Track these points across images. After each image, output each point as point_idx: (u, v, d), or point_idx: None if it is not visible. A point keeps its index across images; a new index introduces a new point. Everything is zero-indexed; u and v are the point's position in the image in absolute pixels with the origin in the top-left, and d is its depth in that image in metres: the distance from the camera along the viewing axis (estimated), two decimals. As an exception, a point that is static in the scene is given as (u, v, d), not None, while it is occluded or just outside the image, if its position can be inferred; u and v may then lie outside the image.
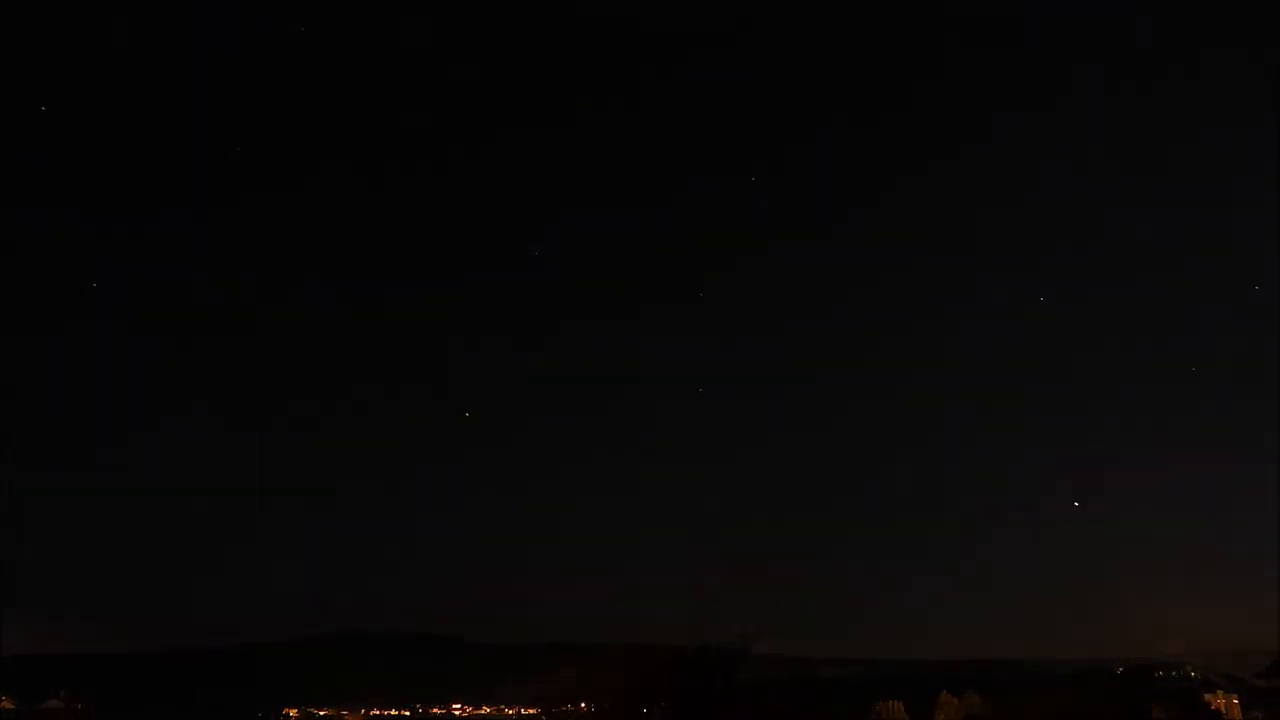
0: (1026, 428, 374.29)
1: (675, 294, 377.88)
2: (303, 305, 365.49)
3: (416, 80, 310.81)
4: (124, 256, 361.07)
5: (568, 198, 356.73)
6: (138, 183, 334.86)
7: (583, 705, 52.96)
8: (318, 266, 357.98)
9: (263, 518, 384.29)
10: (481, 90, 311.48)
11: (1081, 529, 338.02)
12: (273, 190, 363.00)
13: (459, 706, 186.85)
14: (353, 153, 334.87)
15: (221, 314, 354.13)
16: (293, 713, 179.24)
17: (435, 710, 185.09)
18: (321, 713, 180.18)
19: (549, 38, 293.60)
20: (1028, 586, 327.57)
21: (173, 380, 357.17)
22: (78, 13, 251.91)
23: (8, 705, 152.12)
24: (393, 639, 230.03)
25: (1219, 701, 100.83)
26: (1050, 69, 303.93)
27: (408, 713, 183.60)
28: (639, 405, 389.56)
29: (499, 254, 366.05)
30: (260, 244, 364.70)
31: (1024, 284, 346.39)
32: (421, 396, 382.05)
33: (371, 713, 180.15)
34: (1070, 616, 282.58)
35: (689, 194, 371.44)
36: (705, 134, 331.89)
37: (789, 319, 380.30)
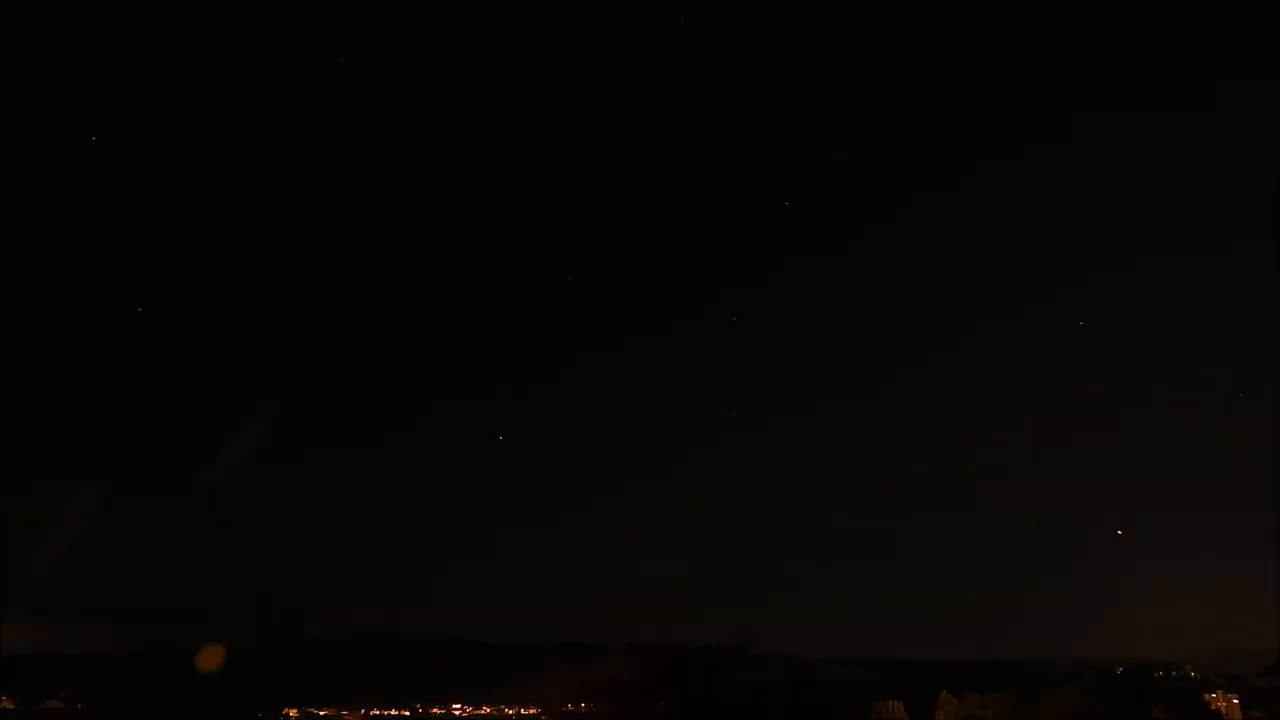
0: (1027, 429, 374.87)
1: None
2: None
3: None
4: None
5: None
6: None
7: (582, 705, 52.84)
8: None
9: (262, 517, 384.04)
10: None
11: (1082, 529, 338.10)
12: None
13: (459, 706, 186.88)
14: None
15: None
16: (293, 713, 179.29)
17: (435, 710, 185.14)
18: (321, 713, 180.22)
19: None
20: (1028, 586, 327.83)
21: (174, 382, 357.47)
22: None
23: (8, 705, 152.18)
24: (393, 639, 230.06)
25: (1219, 702, 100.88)
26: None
27: (408, 713, 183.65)
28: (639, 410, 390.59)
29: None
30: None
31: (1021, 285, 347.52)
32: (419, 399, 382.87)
33: (371, 713, 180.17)
34: (1070, 616, 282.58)
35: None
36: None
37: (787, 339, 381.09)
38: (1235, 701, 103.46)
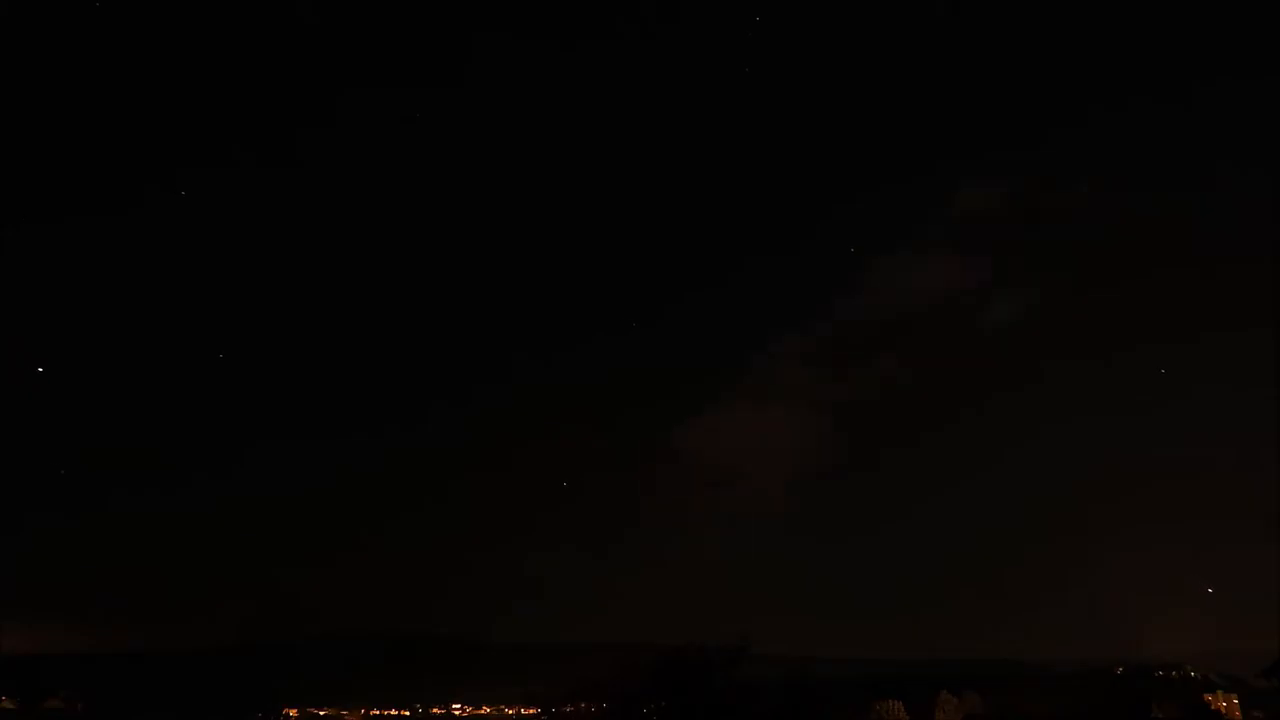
0: (1026, 427, 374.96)
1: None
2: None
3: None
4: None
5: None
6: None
7: (582, 705, 52.76)
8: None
9: (263, 517, 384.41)
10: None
11: (1082, 529, 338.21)
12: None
13: (459, 706, 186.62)
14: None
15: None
16: (293, 713, 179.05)
17: (435, 710, 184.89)
18: (321, 713, 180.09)
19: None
20: (1028, 586, 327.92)
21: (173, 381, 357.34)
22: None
23: (8, 705, 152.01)
24: (393, 639, 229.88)
25: (1219, 702, 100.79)
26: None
27: (408, 713, 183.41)
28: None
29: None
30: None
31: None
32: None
33: (371, 713, 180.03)
34: (1070, 616, 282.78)
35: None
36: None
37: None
38: (1235, 701, 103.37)
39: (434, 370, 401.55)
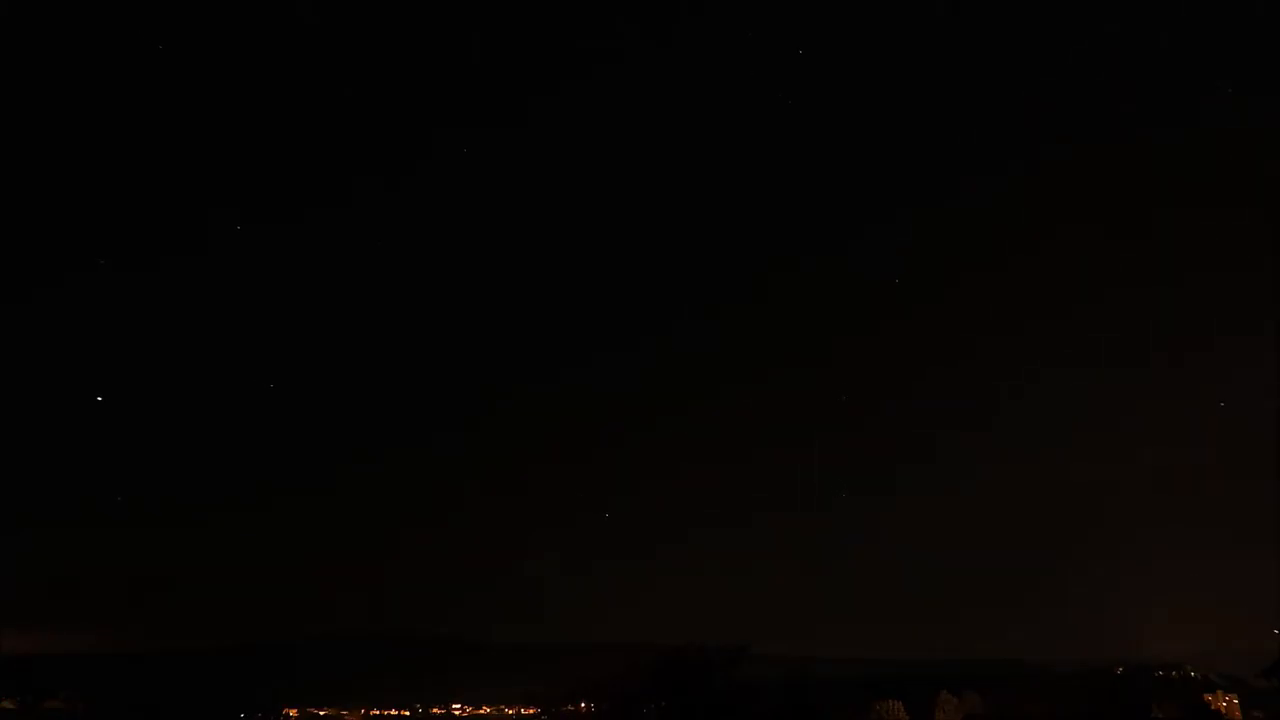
0: (1023, 425, 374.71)
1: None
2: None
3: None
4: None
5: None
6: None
7: (582, 705, 52.85)
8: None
9: (265, 518, 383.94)
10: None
11: (1082, 528, 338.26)
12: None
13: (459, 706, 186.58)
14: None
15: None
16: (293, 713, 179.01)
17: (435, 710, 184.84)
18: (321, 713, 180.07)
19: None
20: (1028, 586, 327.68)
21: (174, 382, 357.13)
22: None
23: (8, 705, 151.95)
24: (393, 639, 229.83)
25: (1219, 702, 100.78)
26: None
27: (408, 713, 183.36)
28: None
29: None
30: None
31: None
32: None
33: (371, 713, 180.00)
34: (1070, 616, 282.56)
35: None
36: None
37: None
38: (1235, 701, 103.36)
39: (435, 372, 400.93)
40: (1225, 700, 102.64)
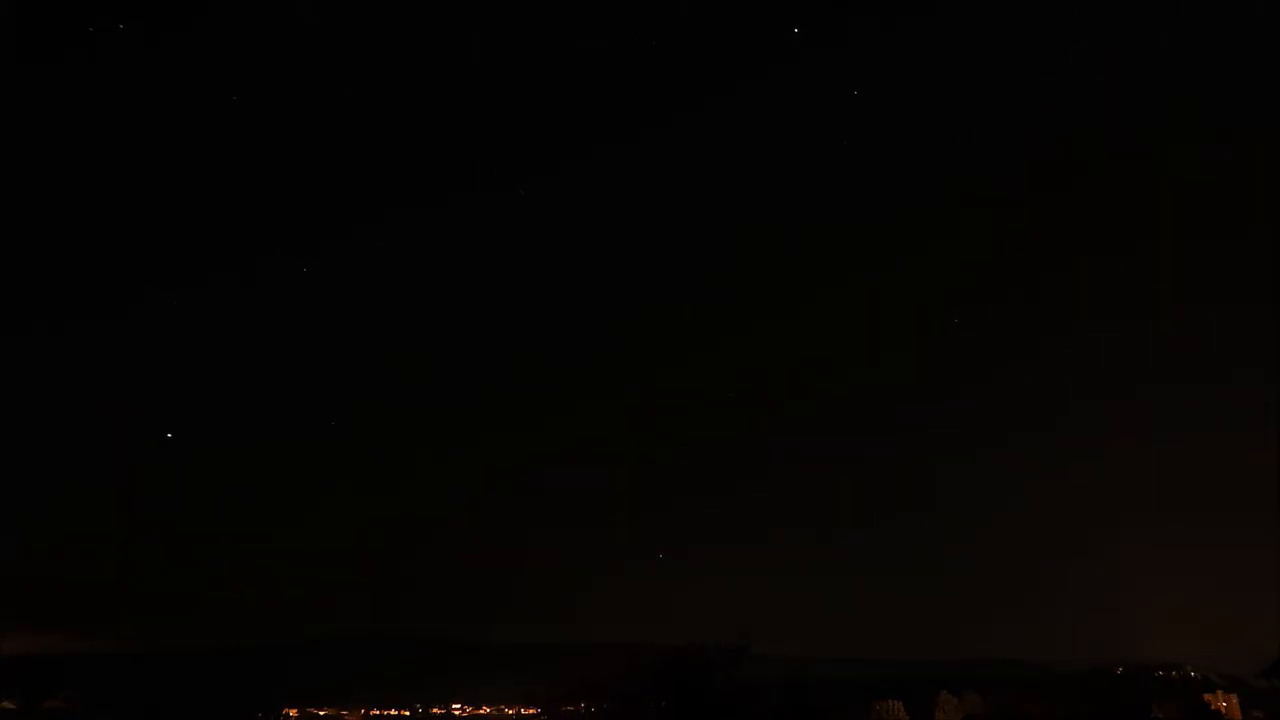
0: (1024, 428, 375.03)
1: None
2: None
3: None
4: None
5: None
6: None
7: (583, 705, 52.76)
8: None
9: (263, 516, 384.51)
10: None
11: (1083, 528, 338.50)
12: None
13: (459, 706, 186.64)
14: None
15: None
16: (293, 713, 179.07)
17: (435, 710, 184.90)
18: (321, 713, 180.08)
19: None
20: (1028, 586, 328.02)
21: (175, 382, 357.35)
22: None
23: (8, 705, 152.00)
24: (393, 639, 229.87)
25: (1219, 702, 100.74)
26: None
27: (408, 713, 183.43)
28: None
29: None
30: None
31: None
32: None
33: (371, 713, 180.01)
34: (1070, 616, 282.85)
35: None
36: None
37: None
38: (1235, 701, 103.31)
39: (435, 372, 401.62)
40: (1225, 700, 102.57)
